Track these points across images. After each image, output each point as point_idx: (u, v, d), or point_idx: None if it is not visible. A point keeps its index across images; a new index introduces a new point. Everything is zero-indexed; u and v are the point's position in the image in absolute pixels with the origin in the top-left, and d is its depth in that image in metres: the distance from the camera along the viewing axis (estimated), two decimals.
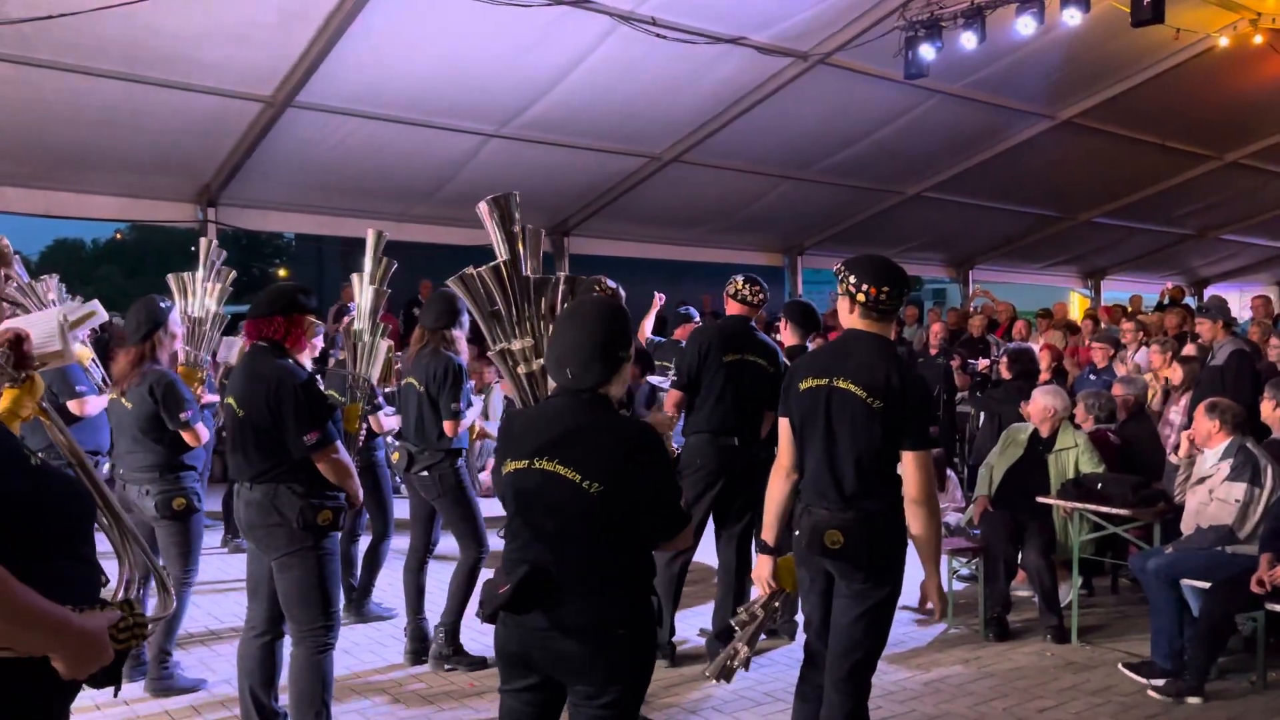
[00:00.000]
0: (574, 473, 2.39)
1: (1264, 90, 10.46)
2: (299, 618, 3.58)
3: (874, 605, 3.10)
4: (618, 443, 2.46)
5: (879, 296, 3.07)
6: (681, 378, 4.91)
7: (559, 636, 2.40)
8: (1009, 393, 6.80)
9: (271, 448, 3.53)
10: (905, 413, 3.02)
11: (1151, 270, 17.23)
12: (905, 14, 8.14)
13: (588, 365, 2.47)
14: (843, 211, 12.51)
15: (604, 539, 2.42)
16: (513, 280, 3.03)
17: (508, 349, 3.02)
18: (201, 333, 5.14)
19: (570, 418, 2.48)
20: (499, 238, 3.10)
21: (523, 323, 3.02)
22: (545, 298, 3.06)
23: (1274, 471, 4.68)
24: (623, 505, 2.41)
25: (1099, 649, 5.18)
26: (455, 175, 9.67)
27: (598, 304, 2.66)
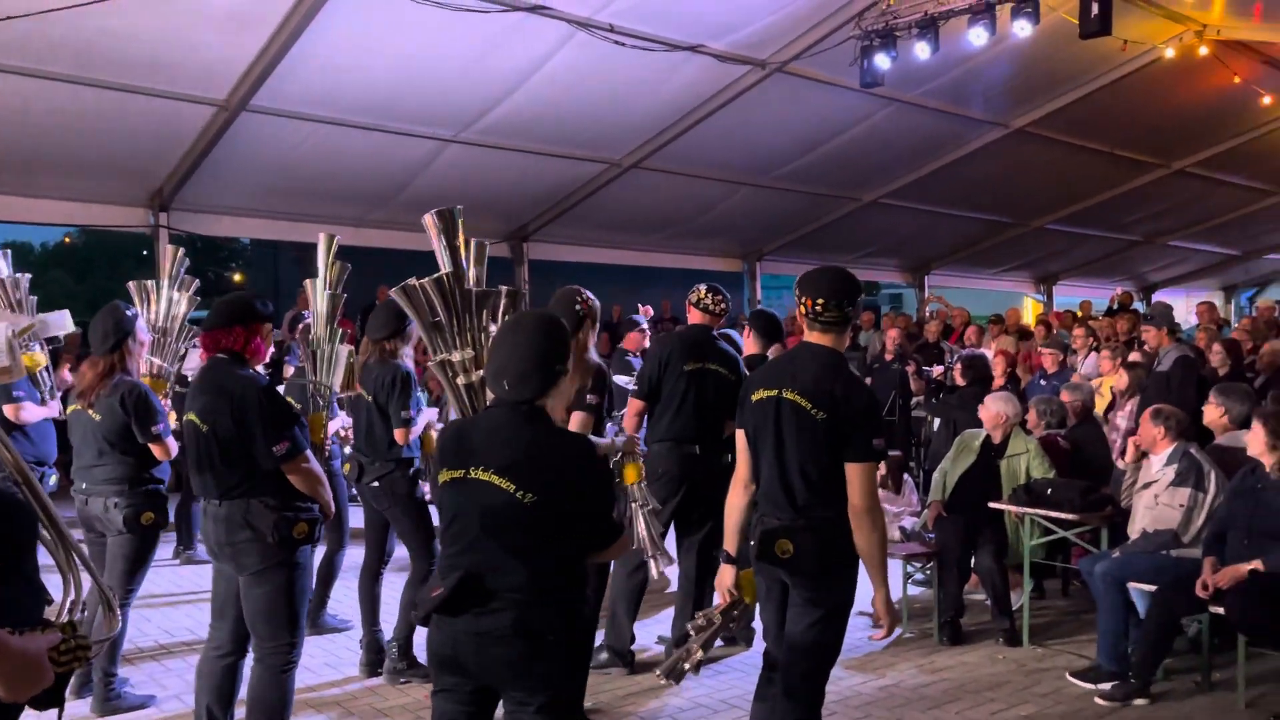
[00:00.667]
0: (508, 483, 2.45)
1: (1209, 100, 10.73)
2: (264, 635, 3.52)
3: (825, 613, 3.12)
4: (552, 454, 2.51)
5: (815, 308, 3.12)
6: (643, 386, 4.93)
7: (490, 642, 2.45)
8: (963, 399, 6.90)
9: (240, 461, 3.46)
10: (848, 425, 3.04)
11: (1102, 275, 17.58)
12: (861, 24, 8.25)
13: (525, 378, 2.53)
14: (801, 217, 12.63)
15: (537, 548, 2.47)
16: (455, 292, 3.06)
17: (448, 360, 3.05)
18: (166, 343, 5.05)
19: (506, 429, 2.53)
20: (443, 250, 3.12)
21: (464, 334, 3.05)
22: (487, 310, 3.09)
23: (1217, 477, 4.80)
24: (556, 516, 2.47)
25: (1050, 651, 5.27)
26: (413, 180, 9.63)
27: (537, 318, 2.70)
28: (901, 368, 8.98)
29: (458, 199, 10.62)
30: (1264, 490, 4.41)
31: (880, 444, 3.11)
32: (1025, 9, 7.46)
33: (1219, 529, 4.59)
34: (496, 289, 3.15)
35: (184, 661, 5.11)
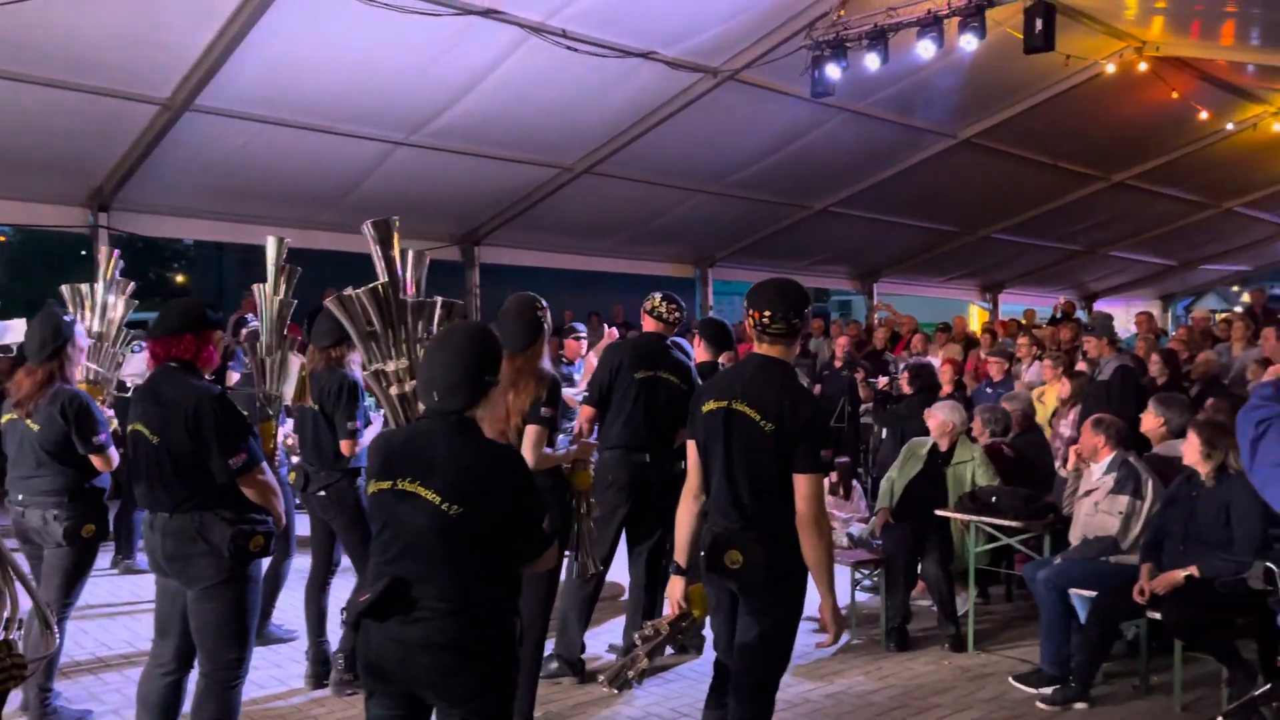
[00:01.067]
0: (434, 494, 2.47)
1: (1148, 114, 11.01)
2: (213, 651, 3.43)
3: (775, 623, 3.14)
4: (478, 465, 2.53)
5: (764, 320, 3.15)
6: (593, 394, 4.93)
7: (415, 650, 2.48)
8: (910, 407, 6.99)
9: (193, 474, 3.37)
10: (796, 436, 3.06)
11: (1045, 284, 17.94)
12: (812, 34, 8.33)
13: (454, 389, 2.56)
14: (752, 225, 12.71)
15: (463, 560, 2.49)
16: (390, 303, 3.06)
17: (382, 370, 3.04)
18: (104, 348, 4.93)
19: (434, 440, 2.55)
20: (379, 260, 3.11)
21: (399, 344, 3.06)
22: (422, 321, 3.09)
23: (1154, 484, 4.92)
24: (482, 527, 2.49)
25: (994, 656, 5.36)
26: (362, 182, 9.53)
27: (468, 330, 2.72)
28: (850, 375, 9.08)
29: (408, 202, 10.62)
30: (1198, 498, 4.53)
31: (828, 455, 3.15)
32: (972, 23, 7.60)
33: (1156, 536, 4.70)
34: (432, 299, 3.16)
35: (122, 675, 4.99)
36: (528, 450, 4.04)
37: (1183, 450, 4.70)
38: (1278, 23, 8.03)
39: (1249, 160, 13.00)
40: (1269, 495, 2.33)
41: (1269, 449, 2.33)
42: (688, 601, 3.36)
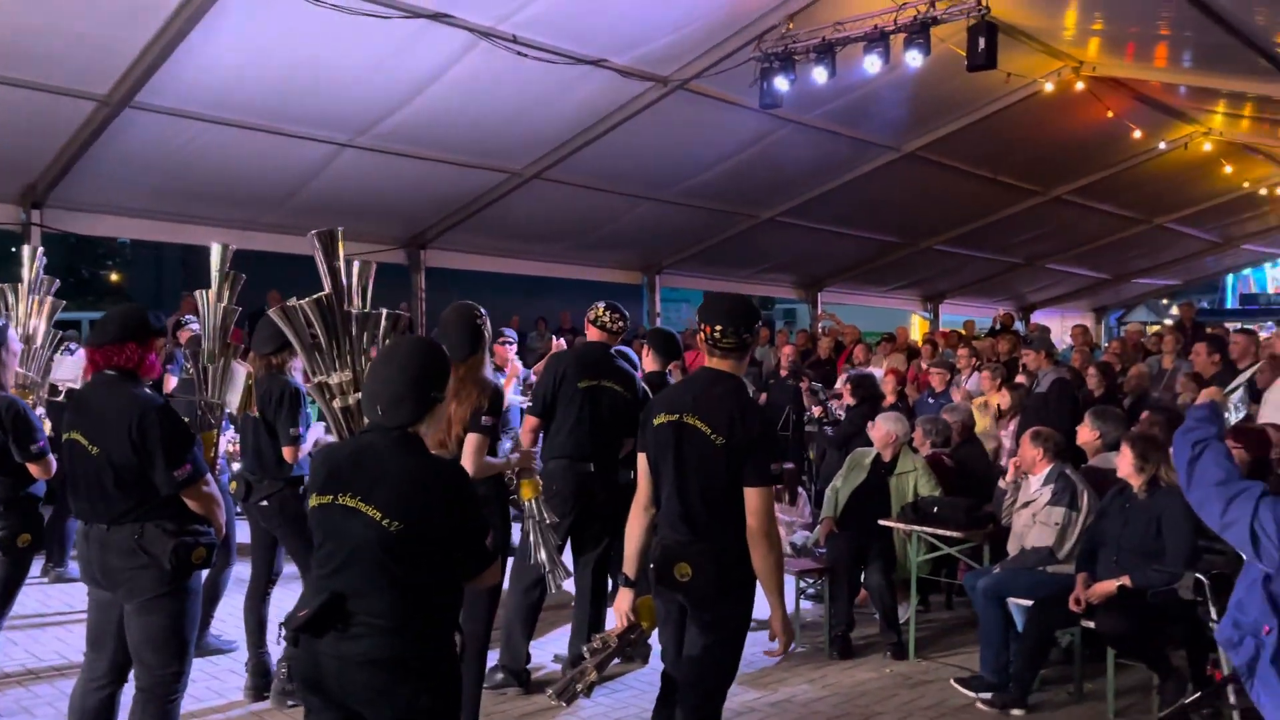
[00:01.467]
0: (375, 510, 2.44)
1: (1084, 132, 11.30)
2: (151, 664, 3.35)
3: (723, 636, 3.17)
4: (421, 482, 2.50)
5: (715, 334, 3.19)
6: (537, 404, 4.91)
7: (352, 666, 2.45)
8: (854, 417, 7.09)
9: (135, 485, 3.28)
10: (747, 450, 3.10)
11: (985, 295, 18.30)
12: (761, 46, 8.41)
13: (398, 403, 2.53)
14: (700, 232, 12.78)
15: (403, 576, 2.46)
16: (334, 314, 3.03)
17: (325, 382, 2.99)
18: (32, 350, 4.78)
19: (377, 455, 2.52)
20: (324, 270, 3.08)
21: (343, 356, 3.03)
22: (367, 332, 3.05)
23: (1089, 496, 5.05)
24: (424, 544, 2.47)
25: (934, 664, 5.46)
26: (307, 184, 9.39)
27: (414, 343, 2.70)
28: (796, 384, 9.17)
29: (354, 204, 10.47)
30: (1131, 510, 4.66)
31: (777, 468, 3.20)
32: (917, 40, 7.73)
33: (1090, 546, 4.83)
34: (377, 311, 3.13)
35: (53, 687, 4.85)
36: (469, 459, 4.04)
37: (1117, 463, 4.83)
38: (1208, 46, 8.31)
39: (1179, 178, 13.42)
40: (1205, 514, 2.41)
41: (1205, 470, 2.41)
42: (636, 614, 3.37)
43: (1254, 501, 2.28)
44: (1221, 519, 2.35)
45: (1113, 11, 8.45)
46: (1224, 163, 12.82)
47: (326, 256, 3.12)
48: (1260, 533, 2.24)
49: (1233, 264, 23.03)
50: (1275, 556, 2.21)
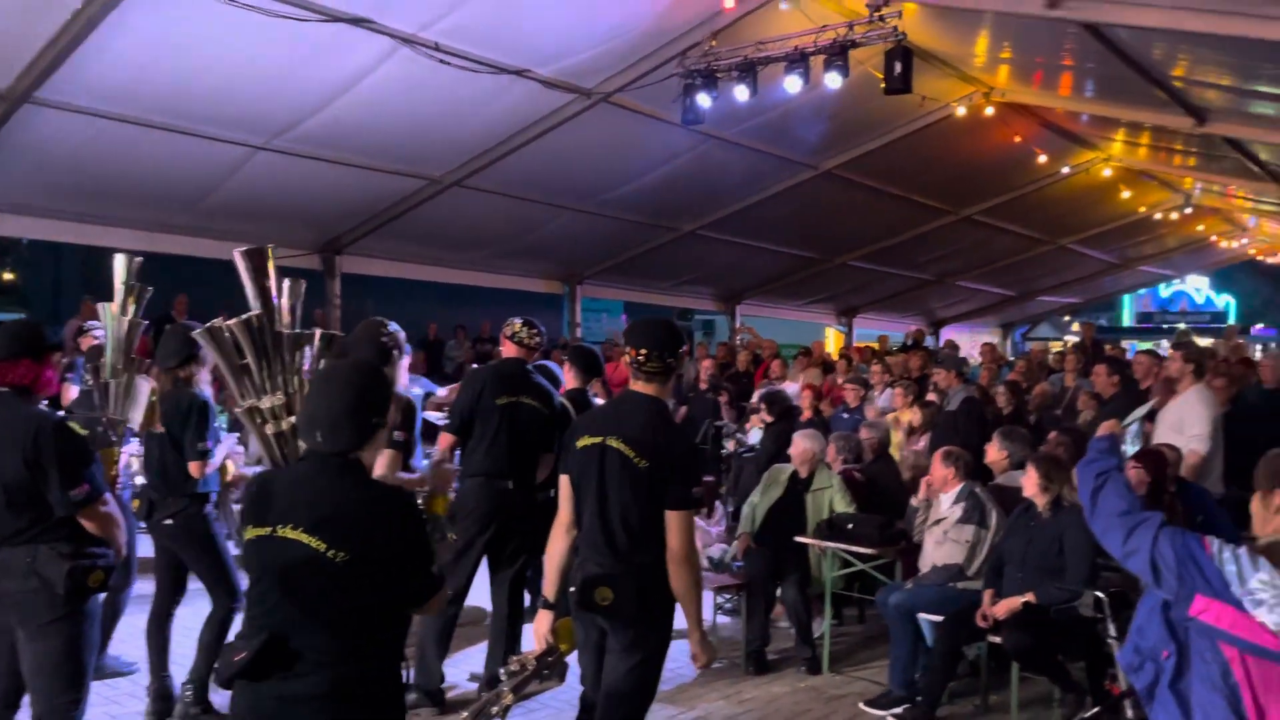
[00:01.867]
0: (318, 541, 2.34)
1: (994, 155, 11.68)
2: (46, 692, 3.19)
3: (643, 659, 3.18)
4: (365, 511, 2.41)
5: (639, 358, 3.20)
6: (454, 420, 4.85)
7: (298, 705, 2.35)
8: (771, 435, 7.18)
9: (27, 505, 3.13)
10: (668, 473, 3.12)
11: (897, 310, 18.76)
12: (684, 62, 8.48)
13: (338, 429, 2.43)
14: (622, 244, 12.81)
15: (349, 608, 2.37)
16: (264, 335, 2.91)
17: (256, 406, 2.87)
18: None
19: (317, 483, 2.43)
20: (252, 290, 2.95)
21: (273, 379, 2.91)
22: (300, 354, 2.94)
23: (997, 514, 5.21)
24: (369, 574, 2.37)
25: (847, 678, 5.56)
26: (220, 186, 9.13)
27: (354, 367, 2.62)
28: (715, 397, 9.24)
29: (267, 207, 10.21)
30: (1036, 528, 4.82)
31: (699, 492, 3.21)
32: (836, 62, 7.88)
33: (997, 563, 4.98)
34: (310, 331, 3.02)
35: None
36: (379, 474, 3.97)
37: (1022, 482, 4.99)
38: (1108, 77, 8.67)
39: (1081, 201, 13.97)
40: (1107, 543, 2.50)
41: (1107, 500, 2.50)
42: (555, 636, 3.36)
43: (1154, 531, 2.37)
44: (1124, 548, 2.44)
45: (1021, 41, 8.75)
46: (1122, 188, 13.39)
47: (255, 276, 2.99)
48: (1160, 562, 2.34)
49: (1130, 284, 24.04)
50: (1174, 585, 2.31)
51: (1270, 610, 2.18)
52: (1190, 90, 8.50)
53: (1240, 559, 2.24)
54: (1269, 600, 2.19)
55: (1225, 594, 2.23)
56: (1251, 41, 6.28)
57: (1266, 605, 2.19)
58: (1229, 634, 2.21)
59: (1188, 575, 2.28)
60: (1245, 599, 2.20)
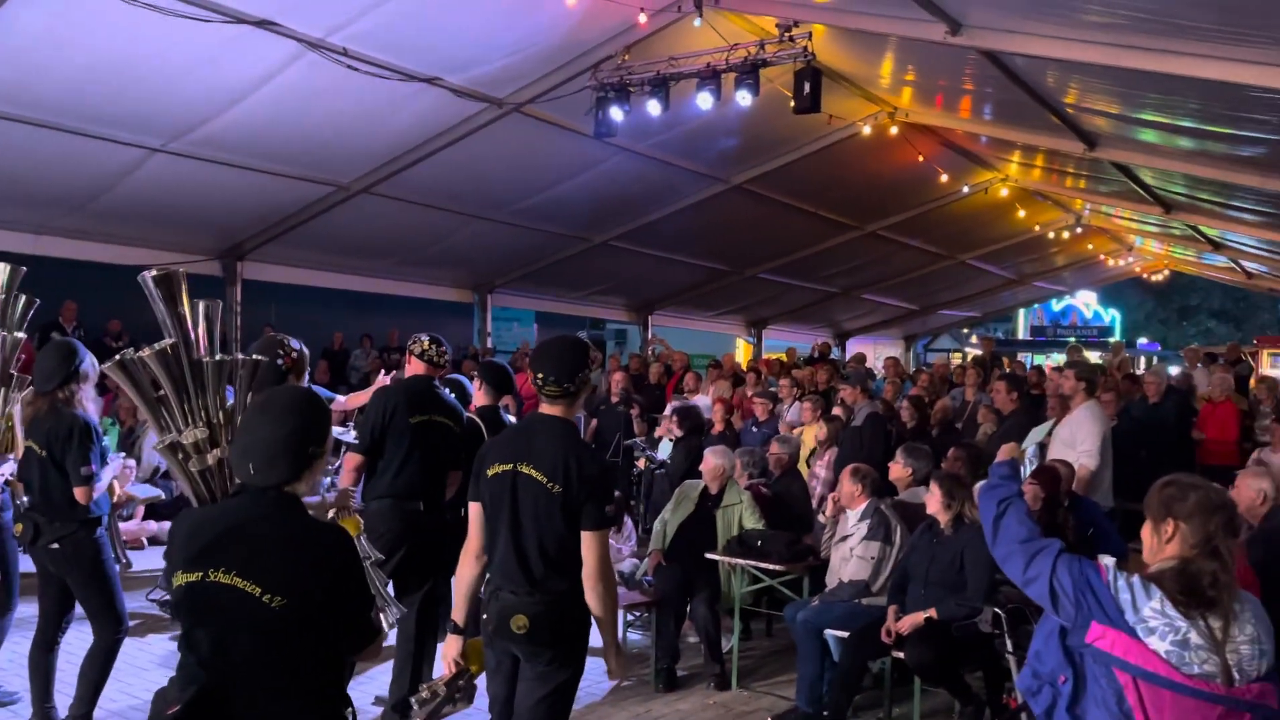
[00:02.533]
0: (254, 586, 2.20)
1: (897, 173, 12.00)
2: None
3: (557, 687, 3.15)
4: (303, 550, 2.28)
5: (538, 380, 3.19)
6: (365, 440, 4.72)
7: None
8: (682, 450, 7.21)
9: None
10: (582, 495, 3.10)
11: (805, 322, 19.10)
12: (597, 75, 8.49)
13: (273, 461, 2.31)
14: (533, 253, 12.75)
15: (289, 655, 2.24)
16: (182, 364, 2.74)
17: (178, 441, 2.70)
18: None
19: (251, 522, 2.29)
20: (167, 319, 2.79)
21: (195, 411, 2.73)
22: (223, 380, 2.79)
23: (901, 531, 5.32)
24: (309, 620, 2.23)
25: (754, 694, 5.60)
26: (113, 188, 8.79)
27: (291, 394, 2.51)
28: (626, 410, 9.25)
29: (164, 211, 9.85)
30: (939, 545, 4.94)
31: (611, 510, 3.20)
32: (747, 80, 7.99)
33: (901, 579, 5.08)
34: (232, 358, 2.86)
35: None
36: None
37: (926, 500, 5.11)
38: (1006, 102, 8.99)
39: (981, 219, 14.46)
40: (1008, 569, 2.56)
41: (1008, 528, 2.57)
42: (464, 658, 3.31)
43: (1052, 559, 2.45)
44: (1024, 575, 2.51)
45: (924, 65, 9.02)
46: (1018, 207, 13.91)
47: (167, 303, 2.79)
48: (1059, 588, 2.41)
49: (1025, 299, 24.94)
50: (1071, 612, 2.38)
51: (1161, 637, 2.27)
52: (1081, 117, 8.87)
53: (1134, 587, 2.32)
54: (1159, 628, 2.27)
55: (1120, 621, 2.30)
56: (1137, 73, 6.59)
57: (1158, 633, 2.27)
58: (1123, 660, 2.28)
59: (1085, 602, 2.36)
60: (1138, 626, 2.28)
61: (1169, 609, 2.29)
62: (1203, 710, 2.25)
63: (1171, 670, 2.25)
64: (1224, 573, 2.30)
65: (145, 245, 9.98)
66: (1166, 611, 2.28)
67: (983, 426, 8.37)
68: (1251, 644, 2.30)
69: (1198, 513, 2.36)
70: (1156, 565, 2.40)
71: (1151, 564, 2.42)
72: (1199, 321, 39.66)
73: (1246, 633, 2.30)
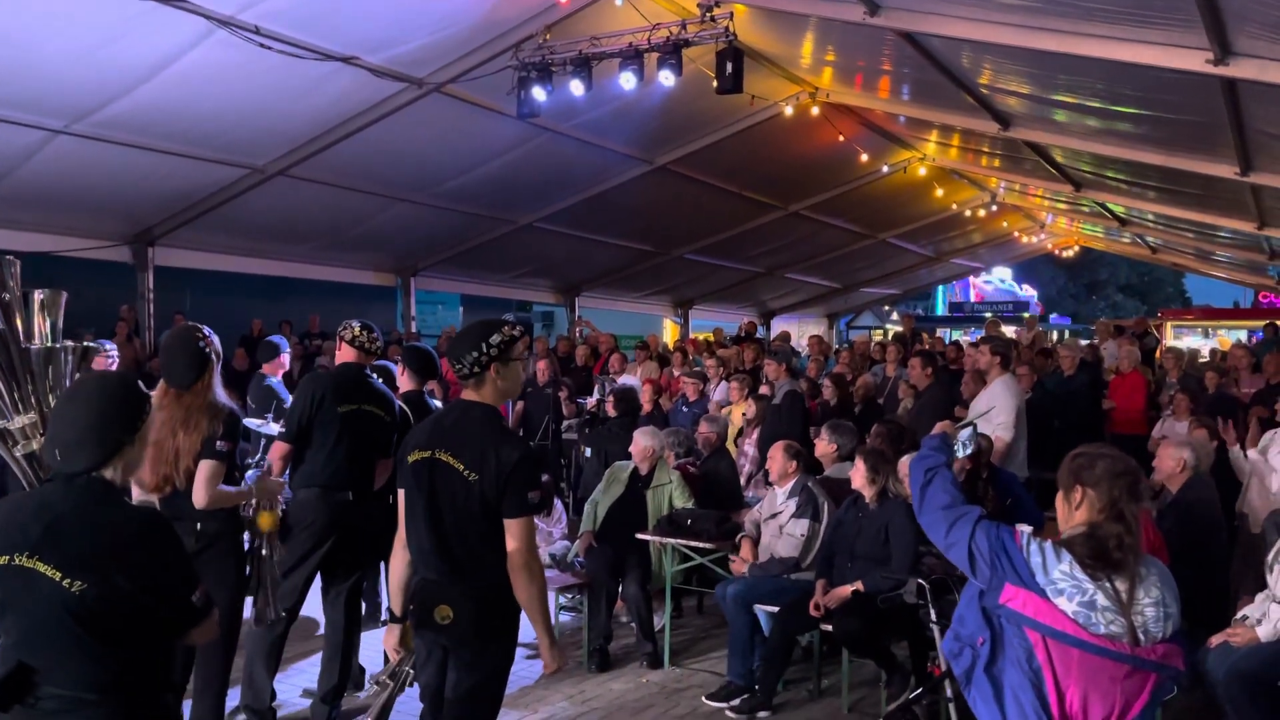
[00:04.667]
0: (54, 570, 2.19)
1: (819, 153, 12.14)
2: None
3: (487, 675, 3.12)
4: (106, 535, 2.26)
5: (455, 367, 3.14)
6: (291, 429, 4.61)
7: None
8: (614, 430, 7.22)
9: None
10: (502, 482, 3.03)
11: (731, 302, 19.26)
12: (519, 54, 8.39)
13: (79, 445, 2.31)
14: (457, 236, 12.60)
15: (96, 640, 2.22)
16: (8, 352, 2.73)
17: (7, 428, 2.69)
18: None
19: (56, 506, 2.27)
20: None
21: (24, 398, 2.72)
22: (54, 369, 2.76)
23: (829, 507, 5.41)
24: (115, 603, 2.22)
25: (687, 671, 5.66)
26: (11, 172, 8.45)
27: (101, 380, 2.49)
28: (554, 392, 9.22)
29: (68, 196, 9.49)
30: (864, 519, 5.04)
31: (536, 496, 3.14)
32: (669, 61, 7.98)
33: (828, 554, 5.18)
34: (61, 345, 2.82)
35: None
36: (200, 488, 3.82)
37: (851, 475, 5.20)
38: (923, 82, 9.15)
39: (900, 198, 14.73)
40: (932, 535, 2.64)
41: (933, 495, 2.65)
42: (403, 645, 3.29)
43: (972, 525, 2.54)
44: (945, 539, 2.59)
45: (843, 45, 9.12)
46: (936, 186, 14.20)
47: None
48: (976, 553, 2.50)
49: (943, 276, 25.55)
50: (986, 573, 2.48)
51: (1069, 599, 2.37)
52: (995, 97, 9.08)
53: (1045, 551, 2.43)
54: (1068, 589, 2.38)
55: (1031, 583, 2.40)
56: (1048, 54, 6.77)
57: (1066, 594, 2.38)
58: (1033, 620, 2.39)
59: (1000, 565, 2.45)
60: (1048, 588, 2.39)
61: (1077, 572, 2.39)
62: (1109, 669, 2.35)
63: (1079, 629, 2.35)
64: (1129, 535, 2.41)
65: (50, 231, 9.61)
66: (1075, 574, 2.38)
67: (903, 402, 8.56)
68: (1156, 606, 2.40)
69: (1104, 479, 2.46)
70: (1067, 532, 2.49)
71: (1063, 531, 2.51)
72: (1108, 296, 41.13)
73: (1152, 595, 2.41)
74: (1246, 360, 8.99)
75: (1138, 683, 2.37)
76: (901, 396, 8.79)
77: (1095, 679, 2.36)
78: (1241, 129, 7.46)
